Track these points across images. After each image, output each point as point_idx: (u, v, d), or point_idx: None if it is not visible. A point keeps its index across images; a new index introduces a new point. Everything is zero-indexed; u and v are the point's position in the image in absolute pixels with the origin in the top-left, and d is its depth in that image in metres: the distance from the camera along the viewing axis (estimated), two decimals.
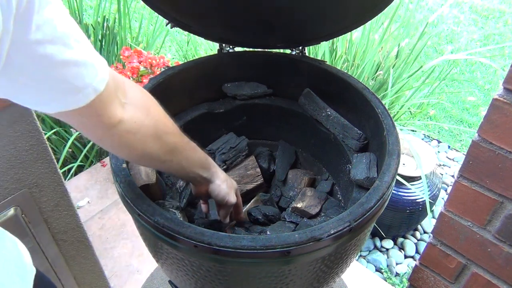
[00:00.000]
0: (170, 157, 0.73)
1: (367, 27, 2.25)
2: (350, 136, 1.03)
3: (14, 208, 0.88)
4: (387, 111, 0.95)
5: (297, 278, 0.77)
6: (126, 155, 0.70)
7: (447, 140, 2.61)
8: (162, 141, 0.69)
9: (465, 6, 4.06)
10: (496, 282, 0.94)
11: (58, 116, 0.55)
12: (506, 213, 0.86)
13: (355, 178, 0.91)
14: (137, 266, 1.55)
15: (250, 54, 1.19)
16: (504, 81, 0.75)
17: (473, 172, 0.87)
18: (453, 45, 3.49)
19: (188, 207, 1.03)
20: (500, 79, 3.11)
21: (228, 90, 1.18)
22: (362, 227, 0.75)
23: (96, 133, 0.61)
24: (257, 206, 1.03)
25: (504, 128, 0.78)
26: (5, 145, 0.82)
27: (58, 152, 1.93)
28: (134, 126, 0.63)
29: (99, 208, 1.77)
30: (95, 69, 0.52)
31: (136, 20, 3.09)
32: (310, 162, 1.22)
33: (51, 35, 0.46)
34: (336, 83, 1.07)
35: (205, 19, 1.09)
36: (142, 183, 0.86)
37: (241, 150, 1.14)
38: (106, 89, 0.55)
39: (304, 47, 1.14)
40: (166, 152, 0.71)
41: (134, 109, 0.63)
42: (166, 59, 1.79)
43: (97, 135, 0.62)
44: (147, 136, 0.66)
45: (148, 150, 0.67)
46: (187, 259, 0.76)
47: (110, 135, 0.61)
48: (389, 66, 2.22)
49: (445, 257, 1.02)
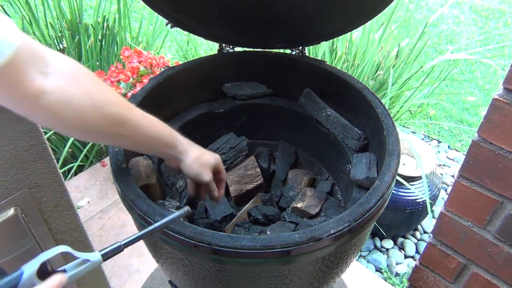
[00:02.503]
0: (119, 130, 0.69)
1: (367, 27, 2.25)
2: (350, 136, 1.03)
3: (14, 208, 0.88)
4: (387, 111, 0.95)
5: (297, 278, 0.77)
6: (65, 129, 0.66)
7: (447, 140, 2.61)
8: (103, 112, 0.65)
9: (465, 6, 4.06)
10: (496, 282, 0.94)
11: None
12: (506, 213, 0.86)
13: (355, 178, 0.91)
14: (137, 266, 1.55)
15: (250, 54, 1.19)
16: (504, 81, 0.75)
17: (473, 172, 0.87)
18: (453, 45, 3.49)
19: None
20: (500, 79, 3.11)
21: (228, 90, 1.18)
22: (362, 227, 0.75)
23: (22, 107, 0.59)
24: (257, 206, 1.03)
25: (504, 128, 0.78)
26: (5, 145, 0.82)
27: (58, 152, 1.93)
28: (62, 96, 0.60)
29: (99, 208, 1.77)
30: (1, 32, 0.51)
31: (136, 20, 3.10)
32: (310, 162, 1.22)
33: None
34: (336, 83, 1.07)
35: (205, 19, 1.09)
36: (142, 183, 0.86)
37: (241, 150, 1.14)
38: (18, 54, 0.53)
39: (304, 47, 1.14)
40: (110, 124, 0.67)
41: (60, 78, 0.60)
42: (166, 59, 1.78)
43: (24, 108, 0.59)
44: (82, 106, 0.62)
45: (86, 122, 0.64)
46: (187, 259, 0.76)
47: (38, 108, 0.59)
48: (389, 66, 2.22)
49: (445, 257, 1.02)
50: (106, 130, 0.67)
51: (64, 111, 0.61)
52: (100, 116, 0.65)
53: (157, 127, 0.76)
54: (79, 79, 0.63)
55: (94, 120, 0.64)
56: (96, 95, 0.65)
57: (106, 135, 0.69)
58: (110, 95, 0.67)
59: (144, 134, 0.73)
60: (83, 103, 0.62)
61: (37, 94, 0.57)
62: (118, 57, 2.18)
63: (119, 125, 0.68)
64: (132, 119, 0.70)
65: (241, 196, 1.09)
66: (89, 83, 0.65)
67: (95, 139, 0.73)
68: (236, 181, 1.09)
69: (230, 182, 1.09)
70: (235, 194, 1.08)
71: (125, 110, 0.69)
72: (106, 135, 0.69)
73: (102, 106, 0.65)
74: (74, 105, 0.61)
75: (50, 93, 0.58)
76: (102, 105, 0.65)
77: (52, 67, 0.60)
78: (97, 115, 0.64)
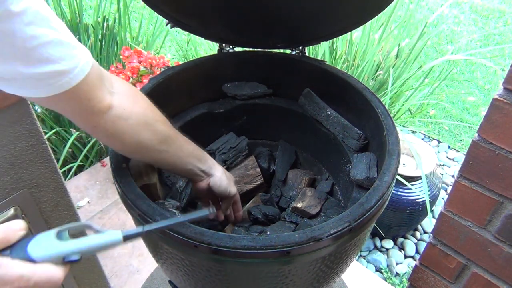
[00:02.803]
0: (165, 147, 0.75)
1: (367, 27, 2.25)
2: (350, 136, 1.03)
3: (14, 208, 0.88)
4: (387, 111, 0.95)
5: (297, 278, 0.77)
6: (121, 144, 0.71)
7: (447, 140, 2.61)
8: (154, 128, 0.72)
9: (465, 6, 4.06)
10: (496, 282, 0.94)
11: (50, 103, 0.59)
12: (506, 213, 0.86)
13: (355, 178, 0.91)
14: (137, 266, 1.55)
15: (250, 54, 1.19)
16: (504, 81, 0.75)
17: (473, 172, 0.87)
18: (453, 45, 3.49)
19: (188, 207, 1.03)
20: (500, 79, 3.11)
21: (228, 90, 1.18)
22: (362, 227, 0.75)
23: (89, 120, 0.64)
24: (257, 206, 1.03)
25: (504, 128, 0.78)
26: (5, 145, 0.82)
27: (58, 152, 1.93)
28: (124, 112, 0.66)
29: (99, 208, 1.77)
30: (79, 51, 0.56)
31: (136, 20, 3.10)
32: (310, 162, 1.22)
33: (34, 17, 0.50)
34: (336, 83, 1.07)
35: (205, 19, 1.09)
36: (142, 183, 0.86)
37: (241, 150, 1.14)
38: (93, 73, 0.59)
39: (304, 47, 1.14)
40: (160, 141, 0.74)
41: (122, 97, 0.67)
42: (166, 59, 1.79)
43: (90, 122, 0.65)
44: (138, 122, 0.69)
45: (141, 138, 0.70)
46: (187, 259, 0.76)
47: (103, 122, 0.64)
48: (389, 66, 2.22)
49: (445, 257, 1.02)
50: (155, 147, 0.74)
51: (124, 126, 0.68)
52: (152, 132, 0.72)
53: (192, 144, 0.82)
54: (137, 99, 0.71)
55: (147, 136, 0.71)
56: (149, 114, 0.73)
57: (154, 151, 0.75)
58: (158, 113, 0.75)
59: (183, 149, 0.80)
60: (140, 119, 0.69)
61: (105, 109, 0.64)
62: (118, 57, 2.18)
63: (165, 141, 0.75)
64: (174, 137, 0.77)
65: (241, 196, 1.09)
66: (144, 102, 0.73)
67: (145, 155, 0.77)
68: (236, 181, 1.09)
69: None
70: None
71: (168, 127, 0.76)
72: (154, 151, 0.75)
73: (153, 123, 0.72)
74: (133, 121, 0.68)
75: (115, 108, 0.65)
76: (153, 122, 0.73)
77: (117, 88, 0.67)
78: (149, 131, 0.72)
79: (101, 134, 0.68)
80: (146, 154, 0.77)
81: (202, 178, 0.86)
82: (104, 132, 0.67)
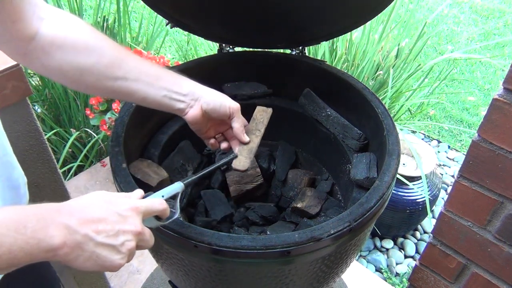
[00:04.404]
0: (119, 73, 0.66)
1: (367, 27, 2.25)
2: (350, 136, 1.03)
3: None
4: (387, 111, 0.95)
5: (297, 278, 0.77)
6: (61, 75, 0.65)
7: (447, 140, 2.61)
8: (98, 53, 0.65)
9: (465, 6, 4.06)
10: (496, 282, 0.94)
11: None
12: (506, 213, 0.86)
13: (355, 178, 0.91)
14: (137, 266, 1.55)
15: (250, 54, 1.19)
16: (504, 81, 0.75)
17: (473, 172, 0.87)
18: (453, 45, 3.49)
19: (188, 207, 1.03)
20: (500, 79, 3.11)
21: (228, 90, 1.17)
22: (362, 227, 0.75)
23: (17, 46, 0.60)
24: (253, 208, 1.03)
25: (504, 128, 0.78)
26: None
27: (58, 152, 1.93)
28: (56, 38, 0.61)
29: None
30: None
31: (136, 20, 3.10)
32: (310, 162, 1.22)
33: None
34: (336, 83, 1.07)
35: (205, 19, 1.09)
36: (156, 181, 0.86)
37: None
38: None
39: (304, 47, 1.14)
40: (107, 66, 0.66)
41: (54, 22, 0.62)
42: (166, 59, 1.79)
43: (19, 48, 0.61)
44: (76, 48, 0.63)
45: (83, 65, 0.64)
46: (187, 259, 0.76)
47: (33, 49, 0.60)
48: (389, 66, 2.22)
49: (445, 257, 1.02)
50: (103, 72, 0.65)
51: (58, 53, 0.62)
52: (96, 58, 0.64)
53: (159, 68, 0.72)
54: (73, 24, 0.64)
55: (89, 62, 0.63)
56: (90, 39, 0.65)
57: (105, 79, 0.66)
58: (105, 38, 0.67)
59: (147, 73, 0.69)
60: (78, 45, 0.63)
61: (32, 35, 0.59)
62: None
63: (117, 66, 0.66)
64: (129, 60, 0.68)
65: (241, 196, 1.09)
66: (83, 28, 0.65)
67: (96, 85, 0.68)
68: (236, 181, 1.09)
69: (230, 182, 1.09)
70: (235, 194, 1.08)
71: (121, 52, 0.67)
72: (106, 79, 0.66)
73: (97, 49, 0.65)
74: (68, 47, 0.62)
75: (45, 35, 0.60)
76: (97, 48, 0.65)
77: (49, 13, 0.62)
78: (92, 57, 0.64)
79: (37, 64, 0.63)
80: (97, 84, 0.67)
81: (188, 104, 0.74)
82: (37, 60, 0.62)
